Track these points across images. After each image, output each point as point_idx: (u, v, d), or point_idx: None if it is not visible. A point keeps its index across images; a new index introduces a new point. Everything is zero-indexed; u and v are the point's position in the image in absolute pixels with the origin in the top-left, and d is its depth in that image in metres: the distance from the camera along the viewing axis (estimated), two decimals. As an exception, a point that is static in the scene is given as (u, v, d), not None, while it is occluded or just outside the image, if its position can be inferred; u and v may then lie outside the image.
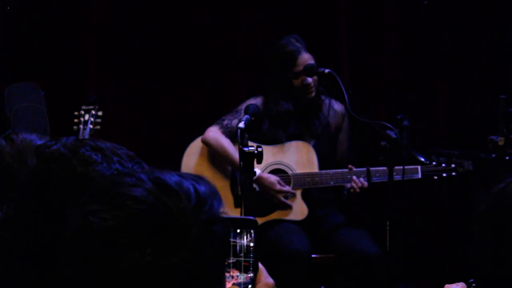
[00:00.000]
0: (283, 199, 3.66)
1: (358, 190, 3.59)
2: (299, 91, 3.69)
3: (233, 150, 3.63)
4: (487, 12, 4.37)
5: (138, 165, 1.45)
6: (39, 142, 1.82)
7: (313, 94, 3.71)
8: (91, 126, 3.29)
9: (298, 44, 3.69)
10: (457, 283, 1.61)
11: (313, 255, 3.58)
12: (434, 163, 3.62)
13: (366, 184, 3.60)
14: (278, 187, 3.63)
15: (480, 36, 4.38)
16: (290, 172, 3.71)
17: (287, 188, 3.66)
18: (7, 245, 1.45)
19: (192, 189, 1.07)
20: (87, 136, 3.24)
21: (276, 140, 3.72)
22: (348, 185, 3.63)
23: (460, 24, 4.38)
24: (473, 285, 1.58)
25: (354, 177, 3.61)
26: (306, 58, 3.67)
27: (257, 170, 3.58)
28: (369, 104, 4.17)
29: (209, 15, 4.37)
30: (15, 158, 1.79)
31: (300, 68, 3.65)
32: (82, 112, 3.31)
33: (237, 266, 1.38)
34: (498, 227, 1.43)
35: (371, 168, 3.63)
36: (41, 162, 1.40)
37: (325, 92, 3.80)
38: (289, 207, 3.68)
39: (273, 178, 3.64)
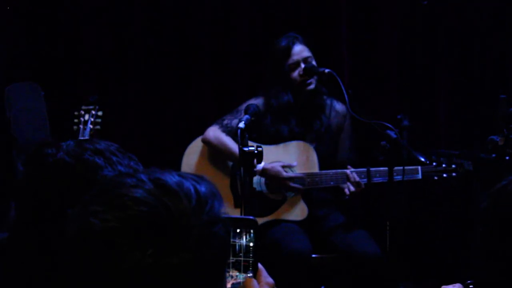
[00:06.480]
0: (292, 184, 3.65)
1: (353, 188, 3.59)
2: (297, 84, 3.71)
3: (234, 146, 3.63)
4: (487, 11, 4.37)
5: (133, 161, 1.46)
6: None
7: (312, 86, 3.72)
8: (91, 126, 3.29)
9: (291, 38, 3.72)
10: (453, 284, 1.61)
11: (313, 255, 3.58)
12: (434, 163, 3.62)
13: (361, 182, 3.60)
14: (284, 174, 3.64)
15: (480, 36, 4.38)
16: (290, 173, 3.70)
17: (293, 173, 3.66)
18: (9, 246, 1.45)
19: (192, 190, 1.07)
20: (87, 136, 3.24)
21: (278, 135, 3.73)
22: (345, 186, 3.62)
23: (460, 23, 4.38)
24: (471, 286, 1.58)
25: (350, 175, 3.60)
26: (300, 49, 3.70)
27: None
28: (369, 104, 4.17)
29: (209, 15, 4.37)
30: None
31: (295, 59, 3.67)
32: (82, 112, 3.30)
33: (236, 266, 1.38)
34: (498, 226, 1.43)
35: (371, 169, 3.63)
36: (45, 171, 1.40)
37: (327, 92, 3.81)
38: (298, 192, 3.68)
39: (277, 167, 3.64)
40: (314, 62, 3.73)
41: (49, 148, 1.43)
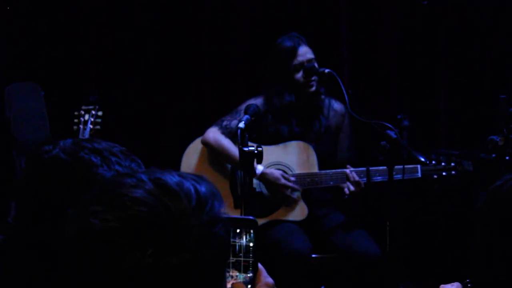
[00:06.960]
0: (288, 193, 3.65)
1: (353, 188, 3.59)
2: (300, 85, 3.70)
3: (233, 149, 3.63)
4: (487, 11, 4.37)
5: (135, 163, 1.45)
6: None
7: (314, 88, 3.72)
8: (91, 126, 3.29)
9: (296, 39, 3.71)
10: (452, 283, 1.61)
11: (313, 255, 3.58)
12: (433, 162, 3.62)
13: (361, 181, 3.59)
14: (283, 181, 3.64)
15: (480, 36, 4.38)
16: (289, 173, 3.71)
17: (292, 182, 3.66)
18: (10, 247, 1.45)
19: (192, 190, 1.07)
20: (87, 136, 3.24)
21: (279, 135, 3.72)
22: (345, 185, 3.62)
23: (460, 23, 4.38)
24: (469, 285, 1.58)
25: (350, 175, 3.60)
26: (305, 50, 3.70)
27: (260, 167, 3.59)
28: (369, 104, 4.17)
29: (209, 15, 4.37)
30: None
31: (300, 59, 3.67)
32: (82, 112, 3.30)
33: (236, 266, 1.38)
34: (496, 225, 1.43)
35: (371, 168, 3.63)
36: (41, 168, 1.40)
37: (325, 92, 3.81)
38: (294, 201, 3.68)
39: (277, 173, 3.64)
40: (316, 64, 3.72)
41: (46, 146, 1.43)
